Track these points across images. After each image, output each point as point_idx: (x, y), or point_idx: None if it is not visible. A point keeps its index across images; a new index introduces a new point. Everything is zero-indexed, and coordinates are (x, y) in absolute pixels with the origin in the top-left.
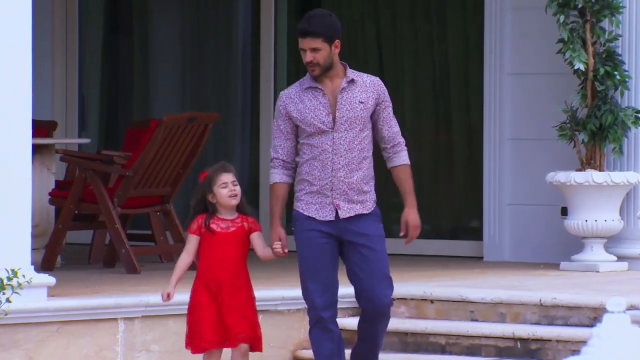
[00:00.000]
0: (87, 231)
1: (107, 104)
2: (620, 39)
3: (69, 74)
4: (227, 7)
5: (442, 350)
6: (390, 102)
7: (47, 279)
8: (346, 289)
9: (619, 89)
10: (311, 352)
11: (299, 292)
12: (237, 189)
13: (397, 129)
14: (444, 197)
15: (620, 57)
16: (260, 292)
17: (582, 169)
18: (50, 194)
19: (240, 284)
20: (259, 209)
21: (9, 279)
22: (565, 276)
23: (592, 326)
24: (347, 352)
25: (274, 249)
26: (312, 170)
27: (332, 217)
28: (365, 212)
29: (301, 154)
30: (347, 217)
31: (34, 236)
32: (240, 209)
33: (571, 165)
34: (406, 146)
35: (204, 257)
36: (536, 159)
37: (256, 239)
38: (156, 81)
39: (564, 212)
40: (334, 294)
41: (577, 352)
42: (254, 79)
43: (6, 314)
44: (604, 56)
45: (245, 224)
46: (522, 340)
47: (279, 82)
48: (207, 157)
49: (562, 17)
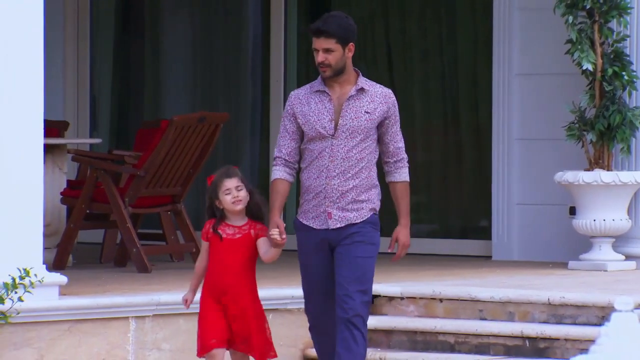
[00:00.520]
0: (98, 230)
1: (118, 104)
2: (628, 39)
3: (80, 75)
4: (237, 8)
5: (451, 349)
6: (398, 117)
7: (59, 278)
8: None
9: (627, 89)
10: None
11: None
12: (241, 194)
13: (402, 145)
14: (453, 196)
15: (628, 58)
16: (269, 291)
17: (590, 168)
18: (61, 193)
19: (244, 291)
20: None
21: (21, 278)
22: (573, 275)
23: (600, 325)
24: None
25: (272, 236)
26: (310, 176)
27: (325, 226)
28: (358, 221)
29: (302, 159)
30: (337, 227)
31: (46, 235)
32: (252, 211)
33: (579, 165)
34: (408, 163)
35: (210, 263)
36: (545, 159)
37: (261, 244)
38: (167, 81)
39: (572, 211)
40: (329, 303)
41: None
42: (264, 79)
43: (18, 313)
44: (612, 56)
45: (252, 231)
46: (530, 339)
47: (288, 82)
48: (218, 157)
49: (570, 18)
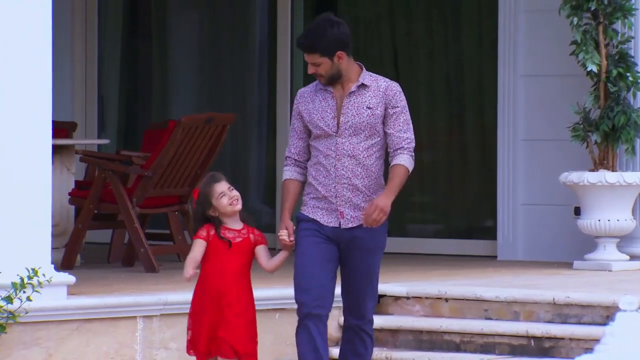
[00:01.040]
0: (106, 230)
1: (126, 105)
2: (632, 40)
3: (88, 76)
4: (244, 8)
5: (457, 348)
6: (404, 109)
7: (67, 278)
8: None
9: (632, 90)
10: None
11: None
12: (236, 194)
13: (406, 136)
14: (459, 197)
15: (632, 59)
16: (276, 291)
17: (595, 169)
18: (70, 194)
19: (240, 296)
20: (276, 209)
21: (30, 277)
22: (578, 275)
23: (605, 324)
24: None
25: (280, 237)
26: (317, 174)
27: (336, 224)
28: None
29: (310, 157)
30: (349, 227)
31: (54, 235)
32: (242, 217)
33: (584, 165)
34: (413, 153)
35: (208, 265)
36: (550, 160)
37: (261, 252)
38: (174, 82)
39: (577, 211)
40: (325, 295)
41: (590, 350)
42: (271, 79)
43: (27, 312)
44: (617, 58)
45: (251, 236)
46: (535, 338)
47: (295, 83)
48: (225, 158)
49: (575, 20)
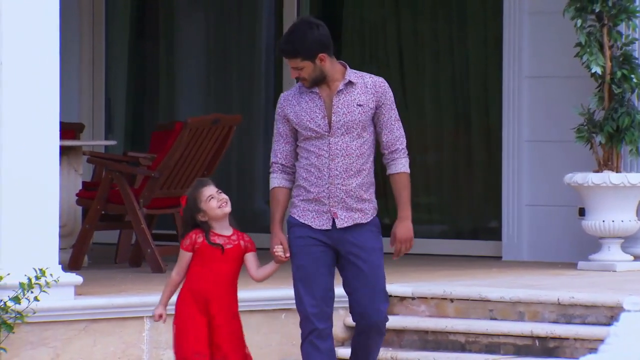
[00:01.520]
0: (113, 231)
1: (133, 106)
2: (636, 42)
3: (95, 77)
4: (251, 10)
5: (462, 348)
6: (392, 105)
7: (74, 278)
8: None
9: (636, 91)
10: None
11: None
12: (224, 196)
13: (399, 134)
14: (464, 198)
15: (636, 61)
16: (282, 291)
17: (599, 170)
18: (77, 194)
19: (229, 302)
20: None
21: (37, 278)
22: (582, 275)
23: (609, 325)
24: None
25: (275, 253)
26: (309, 176)
27: (328, 226)
28: (363, 222)
29: (299, 158)
30: (344, 227)
31: (62, 236)
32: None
33: (588, 166)
34: (408, 154)
35: (195, 271)
36: (554, 161)
37: (250, 259)
38: (181, 84)
39: (582, 212)
40: (328, 306)
41: (594, 350)
42: (277, 81)
43: (34, 312)
44: (621, 59)
45: (241, 242)
46: (540, 338)
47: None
48: (231, 159)
49: (579, 21)
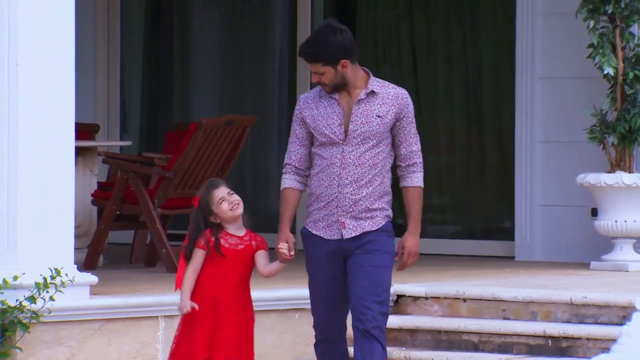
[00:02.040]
0: (128, 231)
1: (148, 107)
2: None
3: (110, 78)
4: (265, 11)
5: (475, 348)
6: (412, 119)
7: (90, 278)
8: None
9: None
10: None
11: None
12: (237, 198)
13: (416, 148)
14: (477, 198)
15: None
16: (296, 291)
17: (611, 170)
18: (92, 195)
19: (240, 304)
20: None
21: (52, 277)
22: (595, 275)
23: (621, 324)
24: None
25: (280, 250)
26: (320, 184)
27: (338, 236)
28: (373, 229)
29: (313, 165)
30: (351, 236)
31: (77, 236)
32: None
33: (601, 167)
34: (422, 169)
35: (207, 271)
36: (567, 161)
37: (260, 256)
38: (196, 85)
39: (594, 212)
40: (342, 321)
41: (607, 350)
42: (291, 82)
43: (50, 312)
44: (633, 60)
45: (253, 243)
46: (553, 338)
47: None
48: (245, 159)
49: (591, 23)
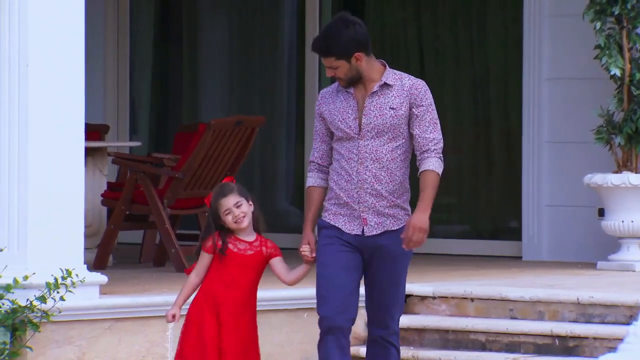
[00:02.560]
0: (138, 231)
1: (157, 108)
2: None
3: (120, 79)
4: (273, 12)
5: (482, 347)
6: (429, 107)
7: (99, 278)
8: None
9: None
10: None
11: None
12: (243, 210)
13: (433, 136)
14: (484, 198)
15: None
16: (304, 290)
17: (618, 171)
18: (102, 195)
19: (246, 310)
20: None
21: (63, 278)
22: (602, 275)
23: (628, 324)
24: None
25: (302, 253)
26: (339, 179)
27: (359, 232)
28: (394, 228)
29: (332, 161)
30: (373, 234)
31: (87, 236)
32: (255, 226)
33: (608, 167)
34: (441, 154)
35: (212, 275)
36: (574, 162)
37: (278, 265)
38: (205, 86)
39: (601, 213)
40: (349, 306)
41: (614, 349)
42: (299, 82)
43: (60, 312)
44: None
45: (263, 249)
46: (560, 337)
47: (323, 86)
48: (254, 160)
49: (598, 24)
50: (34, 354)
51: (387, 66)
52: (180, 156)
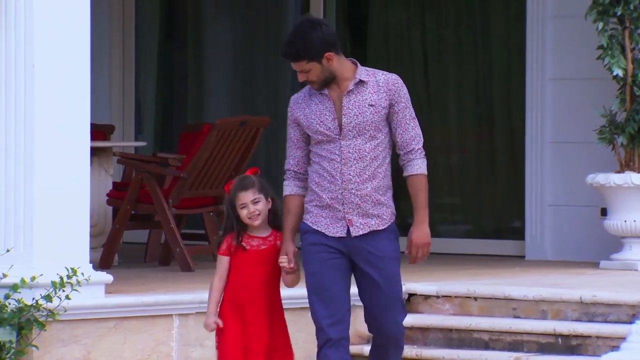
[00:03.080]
0: (143, 231)
1: (162, 108)
2: None
3: (125, 80)
4: (277, 13)
5: (486, 346)
6: (407, 103)
7: (105, 277)
8: None
9: None
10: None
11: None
12: (259, 207)
13: (415, 133)
14: (487, 198)
15: None
16: (305, 290)
17: (621, 171)
18: (108, 195)
19: (268, 306)
20: None
21: (69, 277)
22: (604, 274)
23: (631, 323)
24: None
25: (280, 264)
26: (321, 181)
27: (342, 234)
28: (380, 229)
29: (311, 163)
30: (359, 234)
31: (92, 235)
32: (273, 222)
33: (610, 167)
34: (425, 155)
35: (231, 276)
36: (576, 162)
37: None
38: (209, 86)
39: (604, 212)
40: (343, 315)
41: (616, 348)
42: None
43: (65, 311)
44: None
45: (278, 242)
46: (562, 336)
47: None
48: (259, 160)
49: (601, 25)
50: (39, 352)
51: (358, 64)
52: (185, 156)
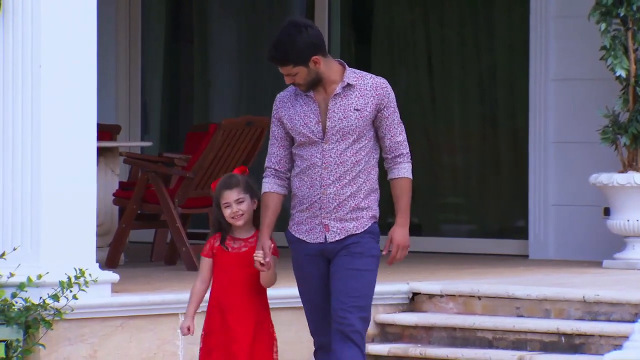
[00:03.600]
0: (149, 230)
1: (168, 109)
2: None
3: (132, 80)
4: (282, 13)
5: (489, 344)
6: (395, 108)
7: (111, 276)
8: (393, 286)
9: None
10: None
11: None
12: (242, 207)
13: (402, 138)
14: (491, 198)
15: None
16: None
17: (623, 170)
18: (114, 194)
19: (250, 311)
20: None
21: (76, 277)
22: (607, 274)
23: (633, 322)
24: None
25: (255, 259)
26: (302, 185)
27: (321, 239)
28: (358, 232)
29: (294, 166)
30: (335, 240)
31: (99, 235)
32: (257, 223)
33: (613, 167)
34: (411, 159)
35: (214, 278)
36: (579, 161)
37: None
38: (215, 86)
39: (607, 212)
40: (329, 323)
41: (619, 346)
42: None
43: (72, 310)
44: None
45: None
46: (566, 335)
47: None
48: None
49: (604, 25)
50: (46, 351)
51: (346, 66)
52: (191, 156)
